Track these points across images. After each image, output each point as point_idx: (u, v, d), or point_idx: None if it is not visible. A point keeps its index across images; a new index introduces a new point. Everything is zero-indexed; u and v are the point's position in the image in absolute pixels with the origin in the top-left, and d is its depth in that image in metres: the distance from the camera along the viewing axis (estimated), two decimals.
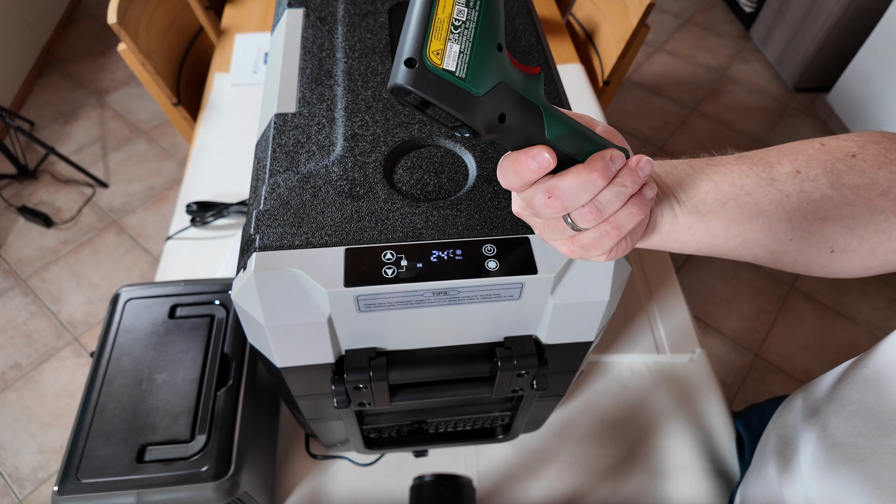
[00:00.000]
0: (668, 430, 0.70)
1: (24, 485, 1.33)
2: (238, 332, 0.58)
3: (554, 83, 0.50)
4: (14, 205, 1.82)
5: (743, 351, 1.55)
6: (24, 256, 1.73)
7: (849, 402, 0.44)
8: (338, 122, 0.46)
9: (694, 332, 0.78)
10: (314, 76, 0.49)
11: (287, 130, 0.45)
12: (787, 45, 2.27)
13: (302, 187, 0.41)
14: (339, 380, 0.41)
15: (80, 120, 2.12)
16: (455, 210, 0.40)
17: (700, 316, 1.61)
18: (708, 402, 0.73)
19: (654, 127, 2.14)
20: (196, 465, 0.49)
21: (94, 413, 0.51)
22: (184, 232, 0.88)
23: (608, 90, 1.29)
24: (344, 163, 0.43)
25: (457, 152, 0.45)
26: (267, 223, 0.39)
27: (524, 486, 0.66)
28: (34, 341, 1.55)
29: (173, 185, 1.91)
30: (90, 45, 2.42)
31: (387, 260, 0.37)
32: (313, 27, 0.54)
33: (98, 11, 2.59)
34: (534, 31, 0.55)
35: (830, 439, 0.45)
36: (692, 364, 0.76)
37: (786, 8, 2.25)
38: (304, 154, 0.43)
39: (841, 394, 0.46)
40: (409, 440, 0.60)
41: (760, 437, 0.60)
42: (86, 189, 1.89)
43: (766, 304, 1.64)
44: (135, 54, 1.03)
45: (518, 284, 0.37)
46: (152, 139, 2.07)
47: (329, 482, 0.65)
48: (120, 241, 1.77)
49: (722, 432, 0.70)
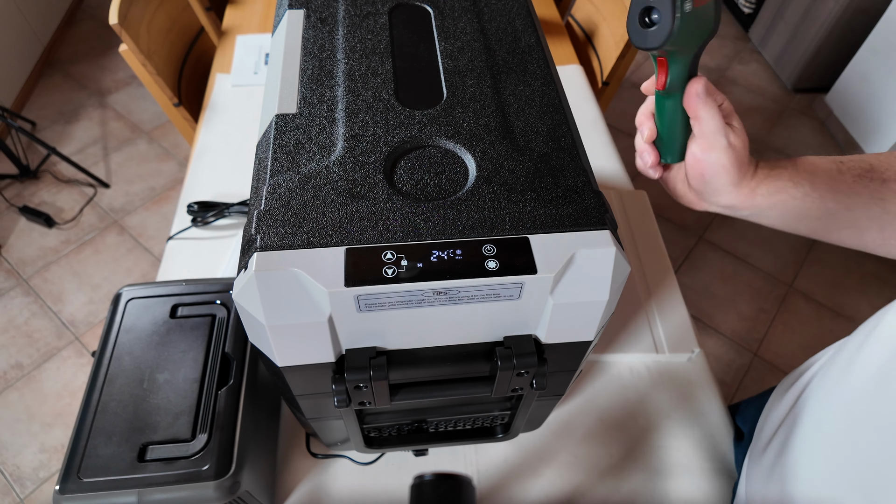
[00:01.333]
0: (667, 430, 0.71)
1: (26, 484, 1.33)
2: (239, 331, 0.58)
3: (553, 84, 0.50)
4: (15, 205, 1.82)
5: (742, 350, 1.55)
6: (25, 256, 1.73)
7: (830, 386, 0.45)
8: (338, 122, 0.46)
9: (693, 331, 0.79)
10: (315, 77, 0.49)
11: (288, 131, 0.45)
12: (785, 45, 2.27)
13: (303, 188, 0.41)
14: (339, 379, 0.41)
15: (81, 120, 2.12)
16: (455, 210, 0.40)
17: (699, 316, 1.61)
18: (707, 401, 0.73)
19: None
20: (197, 465, 0.49)
21: (96, 412, 0.51)
22: (185, 232, 0.88)
23: (607, 91, 1.30)
24: (344, 163, 0.43)
25: (457, 152, 0.45)
26: (268, 223, 0.39)
27: (524, 484, 0.66)
28: (35, 341, 1.56)
29: (174, 185, 1.92)
30: (91, 46, 2.43)
31: (387, 260, 0.37)
32: (314, 28, 0.54)
33: (99, 12, 2.59)
34: (533, 32, 0.55)
35: (815, 423, 0.46)
36: (691, 363, 0.76)
37: (784, 9, 2.25)
38: (305, 154, 0.44)
39: (825, 378, 0.47)
40: (409, 439, 0.61)
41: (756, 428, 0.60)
42: (87, 189, 1.90)
43: (764, 303, 1.65)
44: (136, 55, 1.03)
45: (518, 284, 0.38)
46: (153, 139, 2.07)
47: (329, 481, 0.65)
48: (121, 241, 1.77)
49: (721, 431, 0.70)
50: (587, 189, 0.42)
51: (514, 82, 0.50)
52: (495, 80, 0.50)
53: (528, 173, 0.43)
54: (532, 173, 0.43)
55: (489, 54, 0.52)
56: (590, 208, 0.41)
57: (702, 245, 1.80)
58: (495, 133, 0.45)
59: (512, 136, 0.45)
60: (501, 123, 0.46)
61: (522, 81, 0.50)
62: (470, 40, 0.53)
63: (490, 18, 0.56)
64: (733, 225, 1.84)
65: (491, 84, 0.49)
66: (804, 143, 2.10)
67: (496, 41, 0.54)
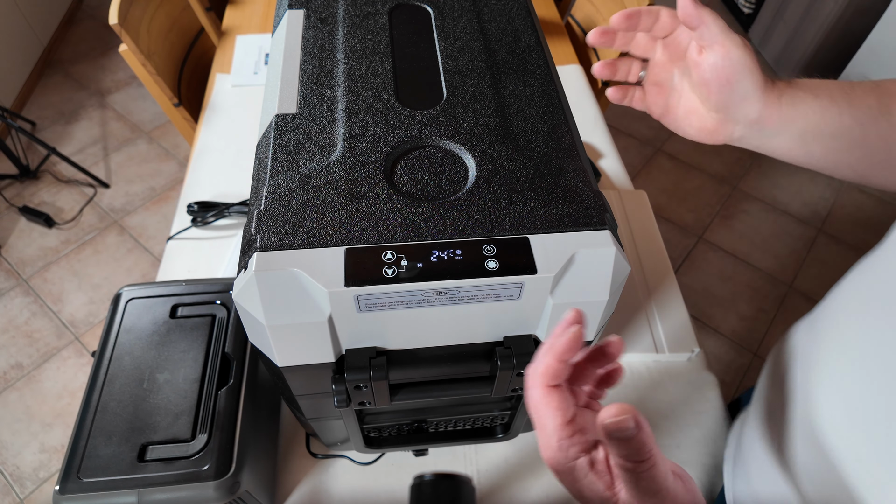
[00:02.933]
0: (666, 430, 0.71)
1: (26, 484, 1.33)
2: (239, 331, 0.58)
3: (553, 84, 0.50)
4: (15, 205, 1.82)
5: (742, 350, 1.55)
6: (25, 256, 1.73)
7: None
8: (338, 122, 0.46)
9: (692, 331, 0.79)
10: (315, 77, 0.49)
11: (288, 131, 0.45)
12: (785, 46, 2.27)
13: (302, 188, 0.41)
14: (339, 379, 0.41)
15: (81, 120, 2.12)
16: (455, 210, 0.40)
17: (699, 316, 1.61)
18: (706, 401, 0.73)
19: (653, 127, 2.15)
20: (197, 465, 0.49)
21: (96, 412, 0.51)
22: (185, 232, 0.88)
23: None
24: (344, 163, 0.43)
25: (457, 153, 0.45)
26: (268, 223, 0.39)
27: (524, 484, 0.66)
28: (35, 341, 1.56)
29: (174, 185, 1.92)
30: (91, 46, 2.43)
31: (387, 260, 0.37)
32: (314, 28, 0.54)
33: (99, 12, 2.59)
34: (533, 32, 0.55)
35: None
36: (691, 363, 0.76)
37: (784, 9, 2.25)
38: (305, 155, 0.44)
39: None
40: (409, 439, 0.61)
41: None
42: (87, 189, 1.90)
43: (764, 303, 1.65)
44: (136, 55, 1.03)
45: (518, 284, 0.38)
46: (153, 140, 2.07)
47: (330, 481, 0.65)
48: (121, 242, 1.77)
49: (720, 432, 0.70)
50: (587, 189, 0.42)
51: (514, 82, 0.50)
52: (495, 80, 0.50)
53: (528, 173, 0.43)
54: (532, 173, 0.43)
55: (489, 54, 0.52)
56: (590, 208, 0.41)
57: (701, 245, 1.80)
58: (495, 133, 0.45)
59: (512, 137, 0.45)
60: (501, 123, 0.46)
61: (522, 81, 0.50)
62: (470, 40, 0.53)
63: (490, 18, 0.56)
64: (733, 225, 1.84)
65: (491, 84, 0.49)
66: None
67: (496, 41, 0.54)
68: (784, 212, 1.88)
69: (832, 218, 1.87)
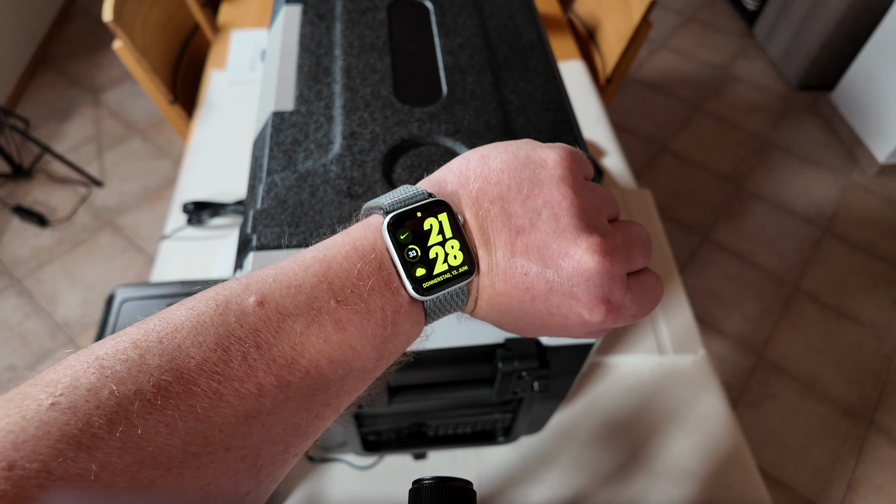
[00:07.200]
0: (670, 433, 0.70)
1: None
2: None
3: (555, 80, 0.49)
4: (9, 204, 1.81)
5: (747, 352, 1.54)
6: (18, 256, 1.71)
7: None
8: (336, 120, 0.45)
9: (697, 332, 0.78)
10: (312, 73, 0.48)
11: (284, 129, 0.44)
12: (790, 42, 2.26)
13: (300, 186, 0.40)
14: None
15: (75, 118, 2.11)
16: None
17: (703, 317, 1.60)
18: (711, 403, 0.72)
19: (657, 125, 2.14)
20: None
21: None
22: (180, 232, 0.87)
23: (610, 88, 1.29)
24: (342, 161, 0.42)
25: (457, 151, 0.44)
26: (264, 222, 0.38)
27: (525, 489, 0.65)
28: (29, 342, 1.54)
29: (169, 184, 1.90)
30: (85, 43, 2.41)
31: None
32: (311, 24, 0.53)
33: (93, 9, 2.57)
34: (535, 27, 0.54)
35: None
36: (695, 365, 0.75)
37: (789, 5, 2.24)
38: (302, 152, 0.42)
39: None
40: (408, 443, 0.60)
41: None
42: (81, 188, 1.88)
43: (770, 304, 1.64)
44: (130, 52, 1.02)
45: None
46: (148, 137, 2.05)
47: (327, 485, 0.64)
48: (115, 241, 1.75)
49: (725, 434, 0.70)
50: None
51: (516, 79, 0.49)
52: (496, 76, 0.49)
53: None
54: None
55: (490, 50, 0.51)
56: None
57: (706, 245, 1.79)
58: (496, 131, 0.44)
59: (513, 134, 0.44)
60: (502, 121, 0.45)
61: (524, 78, 0.49)
62: (470, 36, 0.52)
63: (490, 14, 0.55)
64: (738, 225, 1.83)
65: (491, 80, 0.48)
66: (809, 141, 2.10)
67: (497, 37, 0.52)
68: (790, 211, 1.87)
69: (838, 217, 1.86)
